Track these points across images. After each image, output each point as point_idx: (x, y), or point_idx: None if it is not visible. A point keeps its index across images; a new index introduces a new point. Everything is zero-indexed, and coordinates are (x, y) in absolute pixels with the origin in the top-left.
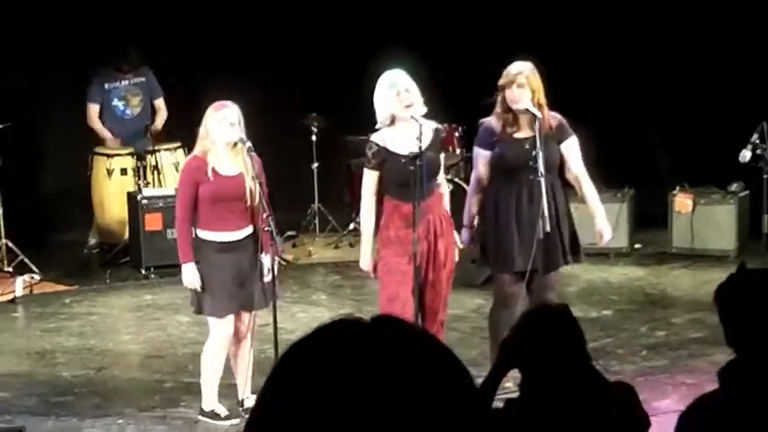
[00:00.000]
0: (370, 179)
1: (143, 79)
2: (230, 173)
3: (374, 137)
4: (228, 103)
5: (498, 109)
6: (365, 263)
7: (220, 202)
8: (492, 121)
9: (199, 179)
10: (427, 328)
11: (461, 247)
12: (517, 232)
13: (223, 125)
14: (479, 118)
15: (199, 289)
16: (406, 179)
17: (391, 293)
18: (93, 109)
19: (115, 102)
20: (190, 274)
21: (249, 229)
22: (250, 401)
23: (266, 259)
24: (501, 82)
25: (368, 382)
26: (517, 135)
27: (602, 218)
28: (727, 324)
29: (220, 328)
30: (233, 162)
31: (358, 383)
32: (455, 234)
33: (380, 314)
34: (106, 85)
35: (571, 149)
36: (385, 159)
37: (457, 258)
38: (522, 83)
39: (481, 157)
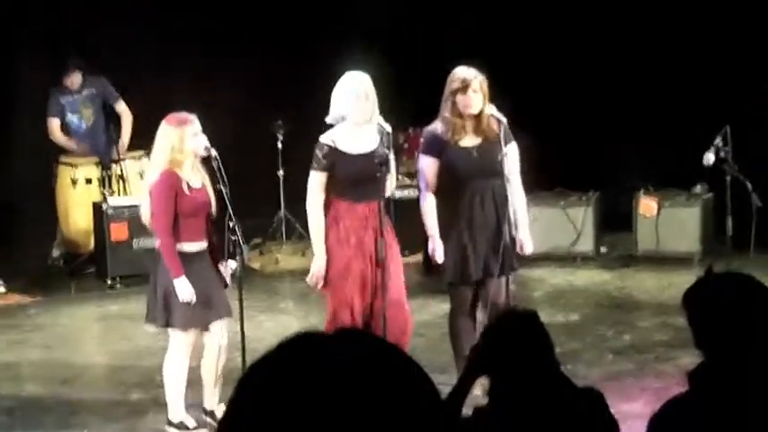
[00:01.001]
0: (318, 181)
1: (93, 91)
2: (197, 185)
3: (324, 138)
4: (190, 115)
5: (447, 114)
6: (321, 267)
7: (193, 216)
8: (437, 128)
9: (178, 191)
10: (399, 321)
11: (438, 261)
12: (471, 240)
13: (197, 139)
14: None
15: (193, 301)
16: (361, 179)
17: (344, 298)
18: (54, 123)
19: (70, 116)
20: (185, 288)
21: (206, 241)
22: (220, 412)
23: (230, 264)
24: (454, 87)
25: (333, 396)
26: (463, 143)
27: (524, 230)
28: (696, 327)
29: (183, 339)
30: (197, 175)
31: (323, 397)
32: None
33: (343, 327)
34: (61, 100)
35: (512, 154)
36: (336, 160)
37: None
38: (477, 88)
39: (429, 164)
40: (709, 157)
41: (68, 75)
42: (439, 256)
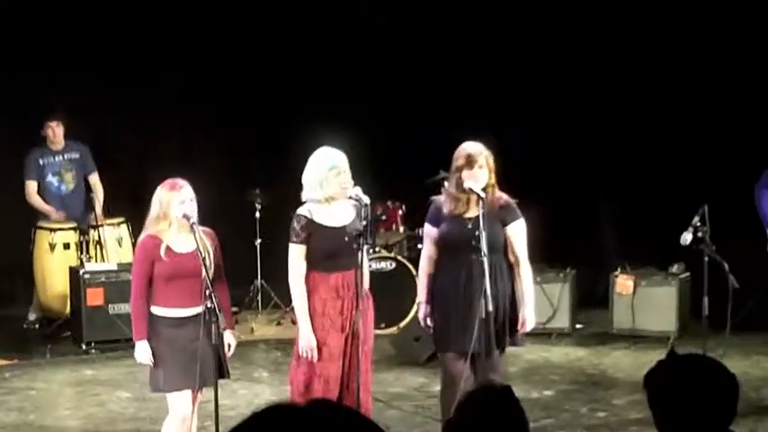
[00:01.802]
0: (298, 254)
1: (77, 155)
2: (185, 250)
3: (300, 210)
4: (183, 181)
5: (453, 190)
6: (311, 341)
7: (175, 279)
8: (441, 200)
9: (154, 257)
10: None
11: (426, 325)
12: (457, 311)
13: (183, 206)
14: (424, 196)
15: (151, 365)
16: (336, 251)
17: (318, 370)
18: (32, 186)
19: (50, 177)
20: (143, 352)
21: (200, 307)
22: None
23: (227, 335)
24: (459, 163)
25: None
26: (464, 214)
27: (529, 309)
28: (656, 409)
29: (180, 405)
30: (186, 239)
31: None
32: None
33: (315, 399)
34: (41, 161)
35: (516, 232)
36: (311, 232)
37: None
38: (483, 164)
39: (430, 233)
40: (687, 237)
41: (52, 125)
42: (423, 322)
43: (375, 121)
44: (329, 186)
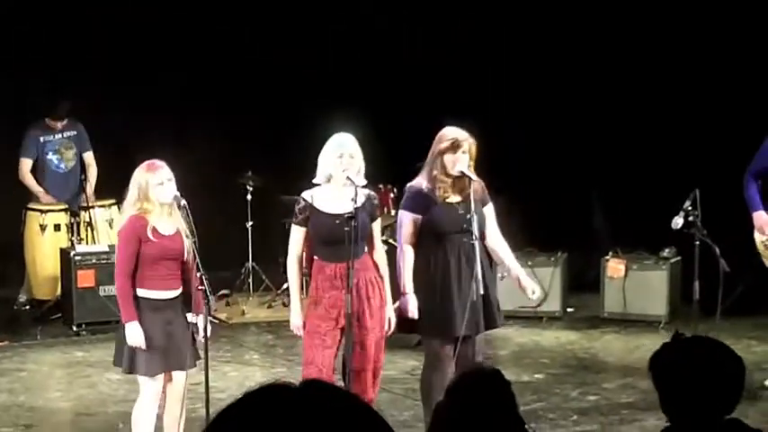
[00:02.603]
0: (296, 235)
1: (75, 132)
2: (169, 232)
3: (304, 193)
4: (161, 162)
5: (436, 173)
6: (295, 321)
7: (160, 262)
8: (422, 185)
9: (142, 237)
10: (354, 390)
11: (411, 315)
12: (458, 295)
13: (165, 186)
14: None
15: (144, 347)
16: (331, 238)
17: (308, 357)
18: (26, 164)
19: (50, 155)
20: (135, 333)
21: (179, 289)
22: None
23: (199, 319)
24: (443, 146)
25: None
26: (449, 199)
27: (526, 277)
28: (662, 392)
29: (152, 386)
30: (169, 221)
31: None
32: (389, 303)
33: (309, 379)
34: (41, 139)
35: (491, 214)
36: (309, 216)
37: (391, 327)
38: (466, 150)
39: (410, 220)
40: (678, 221)
41: (56, 110)
42: (412, 313)
43: (374, 121)
44: (330, 168)
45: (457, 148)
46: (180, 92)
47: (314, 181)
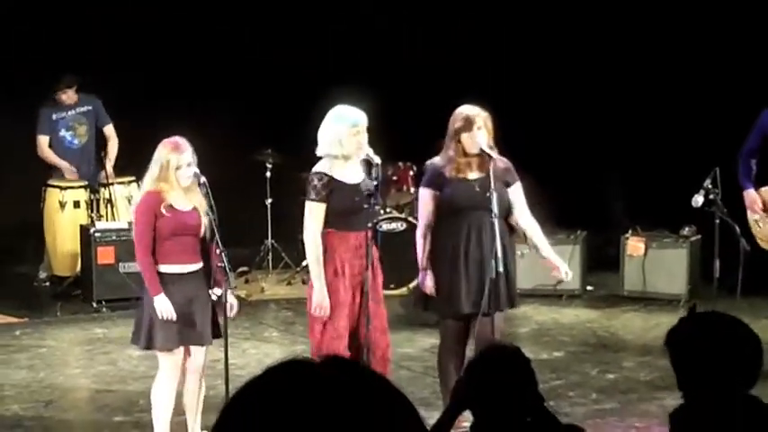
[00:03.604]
0: (317, 211)
1: (89, 108)
2: (185, 208)
3: (320, 168)
4: (185, 142)
5: (452, 153)
6: (324, 299)
7: (176, 237)
8: (439, 162)
9: (157, 212)
10: (382, 346)
11: (429, 292)
12: (466, 274)
13: (186, 169)
14: (433, 157)
15: (174, 318)
16: (354, 208)
17: (338, 330)
18: (43, 140)
19: (63, 132)
20: (164, 305)
21: (199, 264)
22: None
23: (229, 295)
24: (457, 126)
25: (318, 423)
26: (467, 177)
27: (558, 258)
28: (679, 367)
29: (170, 361)
30: (186, 197)
31: (308, 424)
32: None
33: (329, 355)
34: (54, 116)
35: (519, 193)
36: (333, 189)
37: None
38: (482, 125)
39: (430, 197)
40: (698, 199)
41: (63, 91)
42: (429, 289)
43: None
44: (348, 144)
45: (471, 124)
46: (196, 70)
47: (320, 153)
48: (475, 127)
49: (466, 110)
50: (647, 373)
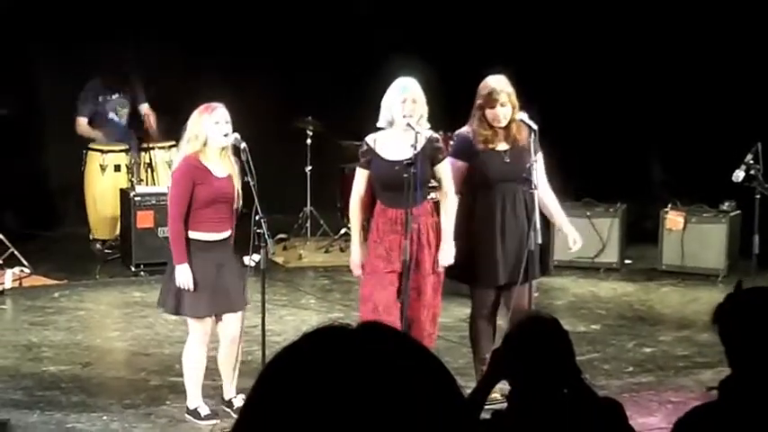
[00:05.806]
0: (359, 178)
1: (129, 93)
2: (221, 174)
3: (368, 137)
4: (218, 104)
5: (476, 126)
6: (355, 262)
7: (213, 204)
8: (468, 133)
9: (195, 179)
10: (426, 325)
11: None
12: (503, 246)
13: (220, 127)
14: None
15: (192, 289)
16: (391, 184)
17: (365, 294)
18: (83, 121)
19: (111, 114)
20: (185, 275)
21: (229, 232)
22: (238, 401)
23: (258, 259)
24: (480, 101)
25: (354, 390)
26: (496, 147)
27: (569, 226)
28: (728, 342)
29: (199, 328)
30: (222, 164)
31: (344, 390)
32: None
33: (367, 321)
34: (100, 98)
35: (541, 162)
36: (371, 160)
37: (437, 268)
38: (505, 101)
39: (458, 167)
40: (739, 175)
41: (115, 75)
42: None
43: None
44: (393, 112)
45: (495, 101)
46: (237, 38)
47: (377, 125)
48: (498, 104)
49: (491, 83)
50: (683, 347)
